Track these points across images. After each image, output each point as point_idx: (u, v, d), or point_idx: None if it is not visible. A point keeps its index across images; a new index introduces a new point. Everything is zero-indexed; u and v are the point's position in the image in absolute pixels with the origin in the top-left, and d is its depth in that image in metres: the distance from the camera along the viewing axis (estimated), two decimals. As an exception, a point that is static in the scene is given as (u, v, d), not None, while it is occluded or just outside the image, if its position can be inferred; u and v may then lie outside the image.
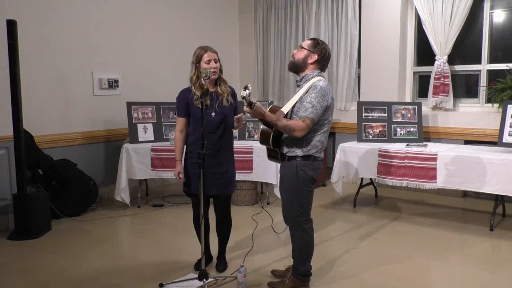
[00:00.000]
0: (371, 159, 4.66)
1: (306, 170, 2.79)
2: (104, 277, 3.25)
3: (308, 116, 2.67)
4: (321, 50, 2.80)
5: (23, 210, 4.05)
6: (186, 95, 3.14)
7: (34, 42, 4.60)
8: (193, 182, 3.13)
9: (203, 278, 2.90)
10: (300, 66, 2.84)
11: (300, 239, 2.90)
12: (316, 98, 2.68)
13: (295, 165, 2.80)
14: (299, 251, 2.94)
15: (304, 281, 2.95)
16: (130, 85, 5.52)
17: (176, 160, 3.18)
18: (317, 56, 2.80)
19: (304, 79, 2.83)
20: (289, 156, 2.82)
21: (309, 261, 2.95)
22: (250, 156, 4.89)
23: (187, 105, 3.13)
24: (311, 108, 2.68)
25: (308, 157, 2.79)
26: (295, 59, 2.85)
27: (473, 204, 5.07)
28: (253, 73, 7.00)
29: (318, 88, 2.71)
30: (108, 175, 5.28)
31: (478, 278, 3.22)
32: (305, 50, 2.82)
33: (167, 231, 4.21)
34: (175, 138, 3.22)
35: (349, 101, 6.09)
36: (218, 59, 3.11)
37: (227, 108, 3.15)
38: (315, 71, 2.83)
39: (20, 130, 4.05)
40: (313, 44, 2.82)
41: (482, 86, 5.26)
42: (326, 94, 2.72)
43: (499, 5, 5.19)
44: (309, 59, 2.81)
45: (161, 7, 5.90)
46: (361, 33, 5.89)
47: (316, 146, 2.80)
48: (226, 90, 3.15)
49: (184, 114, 3.16)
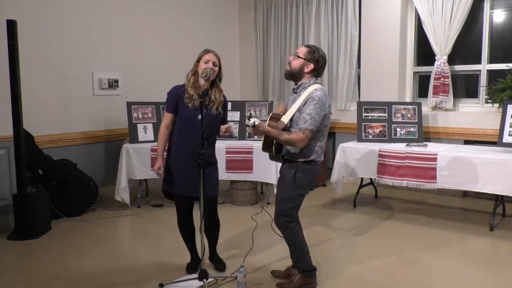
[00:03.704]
0: (371, 159, 4.66)
1: (305, 174, 2.85)
2: (104, 277, 3.25)
3: (308, 127, 2.72)
4: (317, 58, 2.83)
5: (23, 210, 4.04)
6: (178, 91, 3.11)
7: (34, 42, 4.60)
8: (177, 182, 3.11)
9: (203, 278, 2.90)
10: (297, 75, 2.87)
11: (287, 237, 2.96)
12: (314, 109, 2.73)
13: (295, 168, 2.85)
14: (292, 249, 2.99)
15: (309, 277, 2.97)
16: (130, 85, 5.52)
17: (158, 155, 3.16)
18: (313, 65, 2.83)
19: (301, 87, 2.86)
20: (289, 159, 2.88)
21: (305, 256, 2.97)
22: (250, 156, 4.89)
23: (177, 101, 3.10)
24: (310, 120, 2.72)
25: (309, 162, 2.85)
26: (291, 67, 2.87)
27: (473, 204, 5.07)
28: (253, 73, 7.00)
29: (316, 99, 2.74)
30: (108, 175, 5.28)
31: (478, 278, 3.22)
32: (301, 59, 2.84)
33: (167, 231, 4.21)
34: (160, 133, 3.17)
35: (349, 101, 6.09)
36: (218, 65, 3.09)
37: (214, 116, 3.10)
38: (312, 79, 2.86)
39: (20, 130, 4.05)
40: (309, 53, 2.84)
41: (482, 86, 5.26)
42: (324, 104, 2.76)
43: (499, 5, 5.19)
44: (305, 68, 2.84)
45: (161, 7, 5.90)
46: (361, 33, 5.89)
47: (316, 152, 2.86)
48: (218, 99, 3.12)
49: (172, 110, 3.12)
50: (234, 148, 4.95)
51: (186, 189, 3.09)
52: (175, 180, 3.13)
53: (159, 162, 3.15)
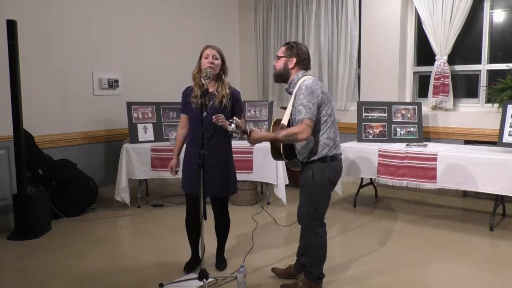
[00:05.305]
0: (371, 159, 4.66)
1: (323, 173, 2.78)
2: (104, 277, 3.25)
3: (304, 117, 2.67)
4: (297, 51, 2.82)
5: (23, 210, 4.04)
6: (187, 92, 3.18)
7: (34, 42, 4.60)
8: (186, 181, 3.18)
9: (203, 278, 2.90)
10: (283, 74, 2.86)
11: (313, 243, 2.90)
12: (305, 98, 2.69)
13: (312, 169, 2.80)
14: (312, 254, 2.94)
15: (317, 284, 2.95)
16: (130, 85, 5.52)
17: (174, 154, 3.27)
18: (295, 58, 2.82)
19: (292, 84, 2.85)
20: (305, 162, 2.84)
21: (322, 264, 2.95)
22: (250, 156, 4.88)
23: (185, 102, 3.15)
24: (304, 110, 2.68)
25: (324, 159, 2.78)
26: (277, 69, 2.88)
27: (473, 204, 5.07)
28: (253, 73, 7.00)
29: (304, 88, 2.71)
30: (108, 175, 5.28)
31: (478, 278, 3.22)
32: (282, 58, 2.85)
33: (167, 231, 4.21)
34: (177, 134, 3.33)
35: (349, 101, 6.09)
36: (219, 58, 3.10)
37: (219, 111, 3.07)
38: (299, 73, 2.84)
39: (20, 130, 4.05)
40: (287, 49, 2.85)
41: (482, 86, 5.26)
42: (314, 91, 2.70)
43: (499, 5, 5.19)
44: (289, 64, 2.83)
45: (161, 7, 5.90)
46: (361, 33, 5.89)
47: (327, 144, 2.79)
48: (222, 92, 3.11)
49: (183, 110, 3.21)
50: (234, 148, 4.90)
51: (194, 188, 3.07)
52: (186, 179, 3.18)
53: (174, 161, 3.25)
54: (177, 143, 3.29)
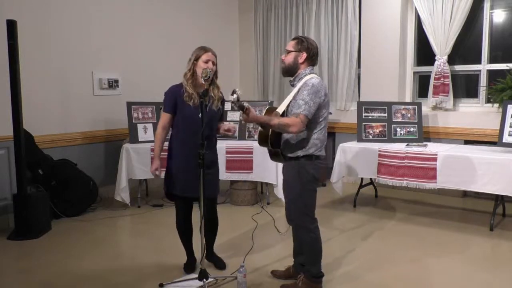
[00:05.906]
0: (371, 159, 4.66)
1: (308, 169, 2.79)
2: (104, 277, 3.25)
3: (302, 112, 2.67)
4: (307, 46, 2.81)
5: (23, 210, 4.05)
6: (176, 91, 3.11)
7: (34, 42, 4.60)
8: (182, 184, 3.10)
9: (203, 278, 2.90)
10: (293, 69, 2.85)
11: (307, 240, 2.90)
12: (308, 95, 2.69)
13: (297, 165, 2.80)
14: (308, 252, 2.93)
15: (317, 283, 2.94)
16: (130, 85, 5.52)
17: (155, 156, 3.16)
18: (306, 53, 2.81)
19: (297, 78, 2.84)
20: (290, 156, 2.83)
21: (319, 261, 2.94)
22: (250, 156, 4.89)
23: (175, 101, 3.10)
24: (304, 105, 2.68)
25: (310, 157, 2.80)
26: (286, 63, 2.87)
27: (473, 204, 5.07)
28: (253, 73, 7.00)
29: (310, 85, 2.71)
30: (108, 175, 5.28)
31: (478, 278, 3.22)
32: (292, 52, 2.84)
33: (167, 231, 4.20)
34: (157, 133, 3.17)
35: (349, 101, 6.09)
36: (215, 63, 3.10)
37: (215, 113, 3.12)
38: (307, 68, 2.83)
39: (20, 130, 4.05)
40: (297, 43, 2.83)
41: (482, 86, 5.26)
42: (319, 91, 2.71)
43: (499, 5, 5.19)
44: (299, 59, 2.82)
45: (161, 7, 5.90)
46: (361, 33, 5.89)
47: (315, 144, 2.80)
48: (217, 95, 3.13)
49: (170, 110, 3.11)
50: (234, 148, 4.95)
51: (188, 190, 3.07)
52: (176, 181, 3.12)
53: (157, 163, 3.14)
54: (160, 144, 3.13)
